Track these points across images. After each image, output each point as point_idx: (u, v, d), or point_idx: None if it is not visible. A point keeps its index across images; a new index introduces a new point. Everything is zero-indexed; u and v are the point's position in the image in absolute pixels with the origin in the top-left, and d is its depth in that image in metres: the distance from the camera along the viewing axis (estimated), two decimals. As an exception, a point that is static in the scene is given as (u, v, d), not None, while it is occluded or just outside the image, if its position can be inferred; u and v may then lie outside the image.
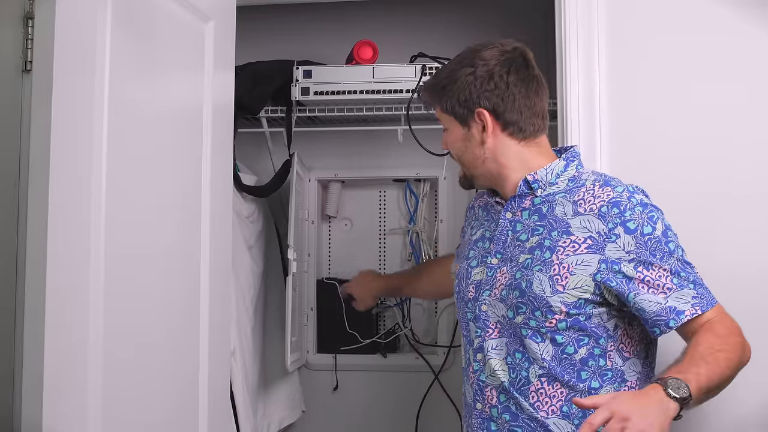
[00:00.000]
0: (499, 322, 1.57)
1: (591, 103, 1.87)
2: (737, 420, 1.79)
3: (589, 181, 1.57)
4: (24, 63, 1.30)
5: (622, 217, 1.48)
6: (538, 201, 1.58)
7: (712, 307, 1.48)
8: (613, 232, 1.48)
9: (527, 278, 1.52)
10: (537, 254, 1.53)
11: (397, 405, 2.80)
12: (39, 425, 1.24)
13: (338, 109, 2.56)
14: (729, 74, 1.86)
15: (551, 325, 1.50)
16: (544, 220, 1.56)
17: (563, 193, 1.57)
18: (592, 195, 1.53)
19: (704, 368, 1.39)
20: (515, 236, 1.58)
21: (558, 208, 1.55)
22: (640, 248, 1.47)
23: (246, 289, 2.42)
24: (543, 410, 1.52)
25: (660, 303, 1.46)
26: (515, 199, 1.61)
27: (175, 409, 1.65)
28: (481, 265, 1.62)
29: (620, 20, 1.89)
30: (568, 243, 1.51)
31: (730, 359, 1.43)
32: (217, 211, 1.81)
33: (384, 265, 2.93)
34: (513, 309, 1.54)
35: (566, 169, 1.60)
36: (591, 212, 1.51)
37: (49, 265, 1.26)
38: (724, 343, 1.44)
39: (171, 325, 1.64)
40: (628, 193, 1.52)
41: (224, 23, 1.89)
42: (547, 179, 1.58)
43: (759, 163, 1.83)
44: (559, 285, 1.49)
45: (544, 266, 1.51)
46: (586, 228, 1.50)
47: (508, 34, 1.65)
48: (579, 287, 1.49)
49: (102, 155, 1.39)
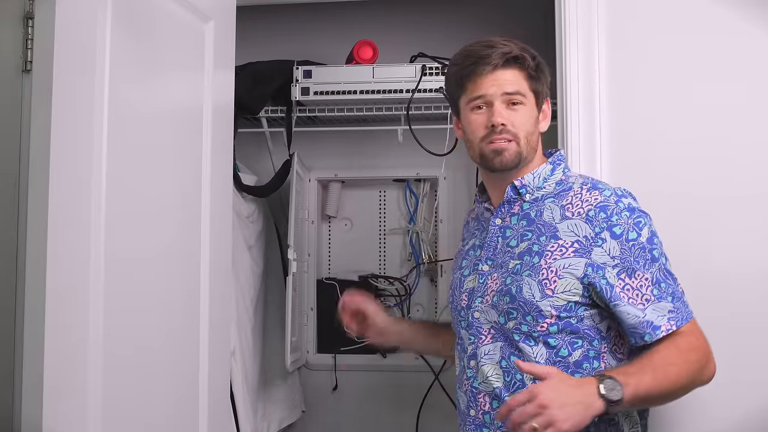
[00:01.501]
0: (493, 327, 1.56)
1: (591, 103, 1.87)
2: (736, 420, 1.79)
3: (576, 185, 1.57)
4: (24, 63, 1.30)
5: (609, 222, 1.49)
6: (527, 206, 1.59)
7: (687, 321, 1.49)
8: (599, 236, 1.48)
9: (517, 283, 1.52)
10: (526, 259, 1.53)
11: (397, 405, 2.80)
12: (39, 425, 1.24)
13: (338, 109, 2.56)
14: (729, 74, 1.85)
15: (543, 329, 1.50)
16: (532, 225, 1.56)
17: (552, 197, 1.58)
18: (580, 199, 1.54)
19: (650, 377, 1.41)
20: (505, 242, 1.58)
21: (546, 212, 1.56)
22: (624, 254, 1.48)
23: (246, 289, 2.42)
24: None
25: (638, 316, 1.46)
26: (504, 205, 1.61)
27: (175, 409, 1.65)
28: (473, 273, 1.62)
29: (620, 20, 1.89)
30: (556, 247, 1.51)
31: (681, 375, 1.44)
32: (217, 211, 1.81)
33: (384, 265, 2.93)
34: (504, 314, 1.53)
35: (553, 172, 1.61)
36: (578, 216, 1.51)
37: (49, 265, 1.26)
38: (680, 359, 1.45)
39: (171, 325, 1.63)
40: (615, 197, 1.52)
41: (224, 23, 1.89)
42: (535, 183, 1.59)
43: (759, 163, 1.83)
44: (548, 289, 1.49)
45: (533, 271, 1.51)
46: (574, 232, 1.50)
47: (509, 33, 1.65)
48: (568, 290, 1.49)
49: (102, 155, 1.39)
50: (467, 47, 1.61)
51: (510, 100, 1.56)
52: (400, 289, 2.89)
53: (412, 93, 2.42)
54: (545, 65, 1.62)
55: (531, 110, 1.58)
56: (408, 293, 2.87)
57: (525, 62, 1.56)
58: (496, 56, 1.55)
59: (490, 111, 1.56)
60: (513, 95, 1.55)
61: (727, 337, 1.62)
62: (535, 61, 1.58)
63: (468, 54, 1.59)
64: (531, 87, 1.58)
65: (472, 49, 1.59)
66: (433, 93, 2.44)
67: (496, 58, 1.55)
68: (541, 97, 1.60)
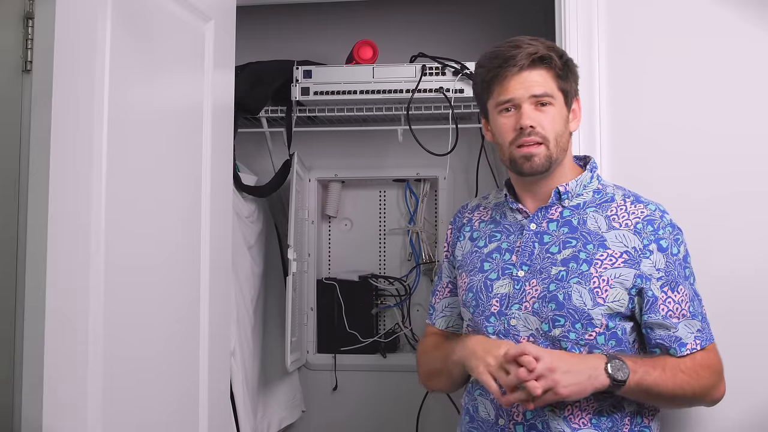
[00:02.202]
0: (533, 335, 1.52)
1: (591, 103, 1.87)
2: (736, 418, 1.79)
3: (618, 196, 1.59)
4: (24, 63, 1.29)
5: (656, 235, 1.51)
6: (567, 213, 1.58)
7: (710, 343, 1.52)
8: (647, 248, 1.51)
9: (564, 290, 1.50)
10: (572, 266, 1.52)
11: (397, 405, 2.80)
12: (39, 425, 1.24)
13: (338, 109, 2.56)
14: (729, 74, 1.85)
15: (591, 338, 1.50)
16: (575, 232, 1.55)
17: (593, 207, 1.57)
18: (626, 211, 1.55)
19: (658, 373, 1.45)
20: (543, 248, 1.56)
21: (590, 221, 1.56)
22: (669, 267, 1.51)
23: (246, 289, 2.42)
24: (575, 422, 1.49)
25: (669, 331, 1.50)
26: (542, 210, 1.59)
27: (175, 409, 1.64)
28: (505, 278, 1.57)
29: (620, 21, 1.89)
30: (606, 256, 1.51)
31: (689, 384, 1.48)
32: (217, 211, 1.81)
33: (384, 265, 2.93)
34: (549, 322, 1.51)
35: (591, 180, 1.61)
36: (626, 228, 1.53)
37: (49, 265, 1.26)
38: (692, 371, 1.48)
39: (171, 325, 1.63)
40: (660, 212, 1.55)
41: (224, 23, 1.89)
42: (576, 190, 1.59)
43: (759, 163, 1.83)
44: (599, 297, 1.49)
45: (582, 279, 1.50)
46: (622, 243, 1.51)
47: (509, 33, 1.65)
48: (617, 300, 1.50)
49: (102, 155, 1.39)
50: (494, 48, 1.58)
51: (538, 101, 1.53)
52: (400, 289, 2.89)
53: (412, 93, 2.42)
54: (573, 63, 1.60)
55: (560, 110, 1.56)
56: (408, 293, 2.87)
57: (552, 62, 1.54)
58: (522, 57, 1.52)
59: (519, 113, 1.53)
60: (541, 97, 1.53)
61: (727, 335, 1.63)
62: (562, 59, 1.56)
63: (494, 56, 1.56)
64: (559, 86, 1.55)
65: (498, 50, 1.56)
66: (433, 93, 2.44)
67: (523, 58, 1.52)
68: (570, 96, 1.58)
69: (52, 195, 1.27)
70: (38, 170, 1.26)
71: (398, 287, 2.89)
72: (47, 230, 1.26)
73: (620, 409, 1.51)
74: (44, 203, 1.26)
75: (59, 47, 1.29)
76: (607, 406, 1.50)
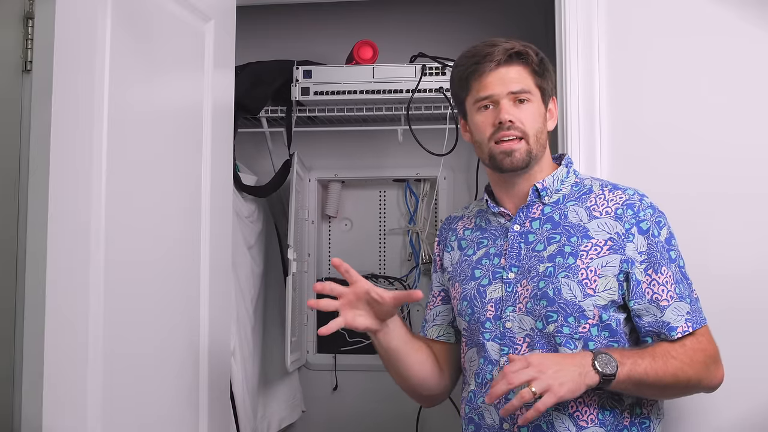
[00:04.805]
0: (528, 335, 1.52)
1: (591, 103, 1.87)
2: (735, 418, 1.79)
3: (596, 187, 1.59)
4: (24, 63, 1.30)
5: (637, 218, 1.52)
6: (549, 209, 1.58)
7: (701, 326, 1.51)
8: (630, 232, 1.51)
9: (554, 286, 1.51)
10: (559, 261, 1.52)
11: (397, 405, 2.79)
12: (39, 425, 1.24)
13: (338, 109, 2.56)
14: (729, 74, 1.85)
15: (584, 331, 1.49)
16: (558, 227, 1.56)
17: (573, 200, 1.58)
18: (605, 199, 1.56)
19: (647, 363, 1.43)
20: (529, 247, 1.56)
21: (571, 214, 1.56)
22: (651, 249, 1.51)
23: (246, 289, 2.42)
24: (583, 419, 1.49)
25: (656, 315, 1.49)
26: (523, 210, 1.60)
27: (175, 409, 1.65)
28: (496, 282, 1.58)
29: (621, 20, 1.89)
30: (590, 246, 1.51)
31: (682, 370, 1.46)
32: (217, 211, 1.81)
33: (384, 265, 2.93)
34: (542, 319, 1.51)
35: (567, 175, 1.62)
36: (607, 215, 1.53)
37: (49, 264, 1.26)
38: (684, 355, 1.47)
39: (171, 324, 1.64)
40: (638, 195, 1.55)
41: (224, 23, 1.89)
42: (554, 186, 1.59)
43: (759, 163, 1.83)
44: (589, 289, 1.49)
45: (570, 272, 1.50)
46: (605, 230, 1.52)
47: (508, 34, 1.65)
48: (608, 289, 1.50)
49: (102, 155, 1.39)
50: (470, 47, 1.60)
51: (516, 97, 1.54)
52: (400, 289, 2.89)
53: (412, 93, 2.43)
54: (549, 62, 1.61)
55: (538, 107, 1.57)
56: (408, 293, 2.86)
57: (529, 58, 1.55)
58: (498, 53, 1.54)
59: (497, 110, 1.54)
60: (519, 93, 1.54)
61: (726, 334, 1.63)
62: (538, 56, 1.57)
63: (471, 54, 1.58)
64: (536, 83, 1.57)
65: (474, 48, 1.58)
66: (433, 93, 2.44)
67: (499, 54, 1.54)
68: (547, 94, 1.59)
69: (52, 194, 1.27)
70: (38, 169, 1.27)
71: (398, 287, 2.89)
72: (47, 229, 1.26)
73: (620, 402, 1.51)
74: (44, 202, 1.26)
75: (59, 47, 1.29)
76: (608, 399, 1.50)
